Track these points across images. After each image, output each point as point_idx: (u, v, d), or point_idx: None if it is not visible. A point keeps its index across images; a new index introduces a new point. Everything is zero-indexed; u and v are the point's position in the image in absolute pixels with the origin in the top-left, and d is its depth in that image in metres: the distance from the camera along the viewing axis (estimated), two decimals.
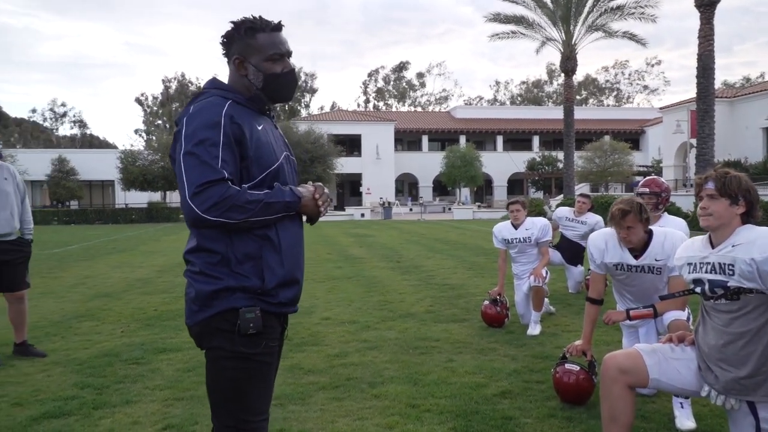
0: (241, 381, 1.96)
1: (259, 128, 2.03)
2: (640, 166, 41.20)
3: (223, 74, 2.17)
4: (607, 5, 26.33)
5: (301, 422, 3.58)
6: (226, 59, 2.11)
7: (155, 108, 63.51)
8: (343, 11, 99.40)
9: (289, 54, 2.11)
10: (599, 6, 26.47)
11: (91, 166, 40.75)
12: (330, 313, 6.82)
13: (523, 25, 28.18)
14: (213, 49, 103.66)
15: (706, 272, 2.62)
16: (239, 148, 1.93)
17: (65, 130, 71.67)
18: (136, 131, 76.36)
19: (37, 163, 38.33)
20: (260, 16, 2.07)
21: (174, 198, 41.33)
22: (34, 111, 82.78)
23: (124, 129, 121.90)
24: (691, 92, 19.21)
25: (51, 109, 68.41)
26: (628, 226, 3.55)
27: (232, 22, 2.05)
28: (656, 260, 3.64)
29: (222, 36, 2.08)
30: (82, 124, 69.85)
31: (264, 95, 2.07)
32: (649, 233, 3.68)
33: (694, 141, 22.96)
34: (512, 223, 6.03)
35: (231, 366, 1.94)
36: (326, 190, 2.12)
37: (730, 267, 2.52)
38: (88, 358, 4.97)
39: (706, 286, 2.61)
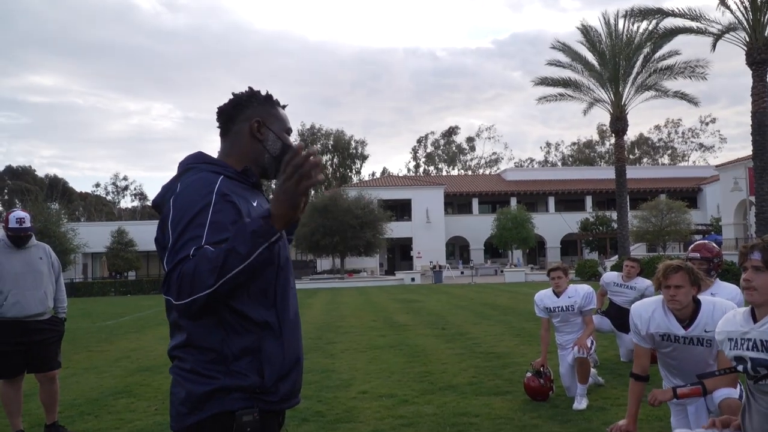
0: None
1: (254, 204, 1.87)
2: (698, 224, 39.77)
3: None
4: (656, 65, 26.13)
5: None
6: (223, 125, 1.97)
7: None
8: (394, 80, 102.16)
9: None
10: (648, 67, 26.28)
11: (150, 237, 41.60)
12: (368, 386, 6.61)
13: (570, 88, 28.20)
14: None
15: (748, 349, 2.40)
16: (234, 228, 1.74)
17: (126, 203, 74.75)
18: None
19: (97, 235, 40.03)
20: None
21: None
22: (97, 185, 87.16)
23: None
24: (749, 149, 18.62)
25: (113, 183, 71.81)
26: (676, 284, 3.33)
27: (250, 88, 1.98)
28: (706, 331, 3.38)
29: (233, 99, 1.95)
30: (142, 196, 72.83)
31: (275, 165, 1.93)
32: (697, 303, 3.43)
33: (753, 199, 22.04)
34: (554, 291, 5.78)
35: None
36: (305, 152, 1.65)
37: None
38: None
39: (749, 365, 2.39)
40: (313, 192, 62.40)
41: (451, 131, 75.13)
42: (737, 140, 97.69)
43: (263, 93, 1.97)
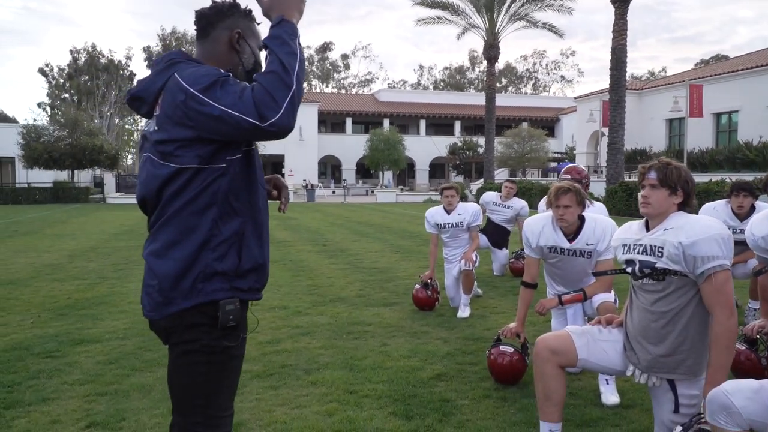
0: (214, 375, 1.83)
1: None
2: (555, 152, 42.82)
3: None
4: None
5: (237, 413, 3.41)
6: (202, 29, 1.93)
7: (61, 80, 59.60)
8: None
9: None
10: None
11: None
12: None
13: (449, 11, 28.43)
14: (126, 21, 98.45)
15: (638, 253, 2.72)
16: None
17: None
18: (39, 105, 71.19)
19: None
20: None
21: (83, 177, 39.19)
22: None
23: (26, 102, 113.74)
24: (601, 83, 20.06)
25: None
26: (565, 204, 3.65)
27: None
28: (588, 244, 3.76)
29: (214, 5, 1.92)
30: None
31: (246, 78, 1.94)
32: (582, 219, 3.79)
33: (605, 130, 24.02)
34: (445, 208, 6.06)
35: (205, 360, 1.81)
36: None
37: (660, 249, 2.62)
38: None
39: (637, 266, 2.72)
40: None
41: (326, 47, 73.35)
42: (591, 74, 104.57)
43: (244, 7, 1.97)
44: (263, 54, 1.94)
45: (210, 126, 1.68)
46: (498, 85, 69.31)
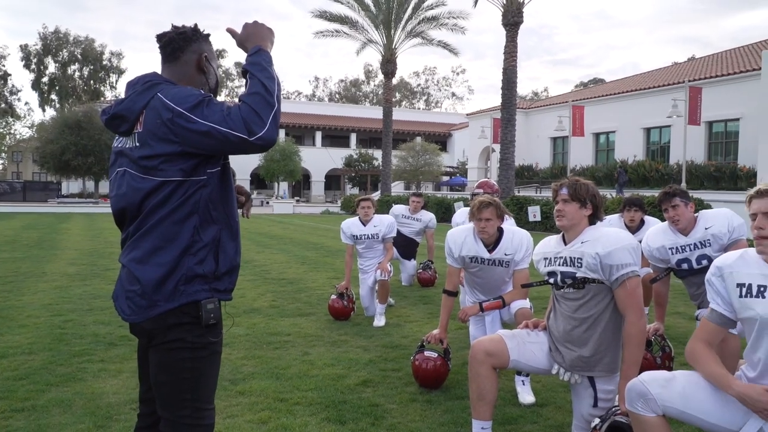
0: (199, 370, 1.97)
1: None
2: (447, 167, 44.34)
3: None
4: (424, 14, 27.98)
5: None
6: (171, 53, 2.05)
7: None
8: None
9: None
10: (417, 14, 28.02)
11: None
12: None
13: (347, 26, 28.82)
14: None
15: (559, 265, 3.01)
16: None
17: None
18: None
19: None
20: None
21: None
22: None
23: None
24: (489, 101, 21.15)
25: None
26: (487, 218, 3.92)
27: (195, 24, 2.14)
28: (506, 254, 4.06)
29: (179, 31, 2.06)
30: None
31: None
32: (500, 231, 4.08)
33: (496, 146, 25.31)
34: (361, 220, 6.22)
35: (191, 356, 1.94)
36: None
37: (579, 260, 2.92)
38: None
39: (558, 277, 3.00)
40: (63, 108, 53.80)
41: (218, 54, 71.68)
42: (480, 92, 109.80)
43: (202, 30, 2.14)
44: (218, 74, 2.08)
45: (196, 141, 1.82)
46: (393, 99, 71.02)
